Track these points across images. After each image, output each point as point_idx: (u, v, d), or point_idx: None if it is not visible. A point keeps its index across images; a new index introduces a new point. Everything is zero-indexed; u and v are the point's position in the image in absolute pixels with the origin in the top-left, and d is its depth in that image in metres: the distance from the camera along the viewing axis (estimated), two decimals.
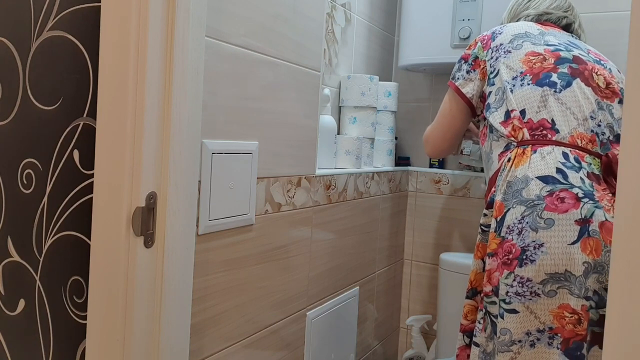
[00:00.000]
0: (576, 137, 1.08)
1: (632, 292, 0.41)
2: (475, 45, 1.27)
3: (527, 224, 1.01)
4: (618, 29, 1.26)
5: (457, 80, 1.27)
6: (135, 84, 0.79)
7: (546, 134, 1.08)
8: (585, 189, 1.02)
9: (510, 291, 1.01)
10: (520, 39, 1.19)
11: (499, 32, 1.23)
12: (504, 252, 1.03)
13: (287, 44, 1.17)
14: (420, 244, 1.97)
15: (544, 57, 1.15)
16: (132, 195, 0.80)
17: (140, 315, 0.82)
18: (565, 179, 1.02)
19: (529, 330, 0.99)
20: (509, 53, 1.18)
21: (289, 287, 1.25)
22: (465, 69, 1.26)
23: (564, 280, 0.98)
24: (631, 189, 0.42)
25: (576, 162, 1.05)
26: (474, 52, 1.26)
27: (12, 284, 0.99)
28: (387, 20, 1.95)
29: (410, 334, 1.97)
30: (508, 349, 1.01)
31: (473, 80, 1.25)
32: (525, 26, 1.23)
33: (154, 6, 0.79)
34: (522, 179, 1.05)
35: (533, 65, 1.14)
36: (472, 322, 1.14)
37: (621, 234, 0.42)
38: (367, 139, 1.64)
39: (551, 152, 1.06)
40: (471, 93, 1.25)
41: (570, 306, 0.98)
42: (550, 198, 1.01)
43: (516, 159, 1.08)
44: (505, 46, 1.19)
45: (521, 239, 1.01)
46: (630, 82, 0.42)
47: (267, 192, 1.14)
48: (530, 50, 1.16)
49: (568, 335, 0.98)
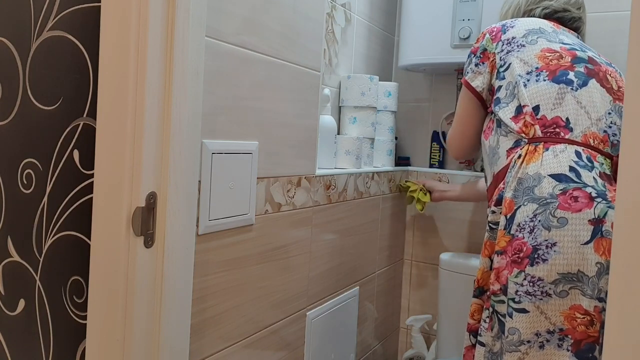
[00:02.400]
0: (589, 136, 1.07)
1: (632, 292, 0.41)
2: (483, 37, 1.23)
3: (540, 223, 0.99)
4: (618, 29, 1.26)
5: (467, 74, 1.24)
6: (135, 84, 0.79)
7: (559, 132, 1.07)
8: (598, 189, 1.00)
9: (520, 290, 0.99)
10: (534, 34, 1.16)
11: (510, 25, 1.20)
12: (513, 250, 1.01)
13: (287, 44, 1.17)
14: (420, 244, 1.97)
15: (560, 54, 1.13)
16: (132, 195, 0.80)
17: (140, 315, 0.82)
18: (578, 178, 1.01)
19: (538, 331, 0.98)
20: (523, 47, 1.15)
21: (289, 287, 1.25)
22: (475, 62, 1.23)
23: (576, 280, 0.96)
24: (631, 188, 0.42)
25: (589, 161, 1.04)
26: (482, 45, 1.22)
27: (12, 284, 0.99)
28: (387, 20, 1.95)
29: (410, 334, 1.97)
30: (516, 349, 0.99)
31: (482, 74, 1.21)
32: (539, 22, 1.19)
33: (154, 6, 0.79)
34: (534, 176, 1.03)
35: (549, 62, 1.12)
36: (478, 321, 1.13)
37: (621, 233, 0.42)
38: (367, 139, 1.64)
39: (564, 150, 1.05)
40: (481, 87, 1.22)
41: (582, 307, 0.96)
42: (564, 196, 0.99)
43: (527, 155, 1.07)
44: (518, 40, 1.16)
45: (533, 237, 0.99)
46: (630, 82, 0.42)
47: (267, 192, 1.14)
48: (546, 46, 1.14)
49: (580, 336, 0.96)
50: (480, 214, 1.84)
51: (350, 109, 1.61)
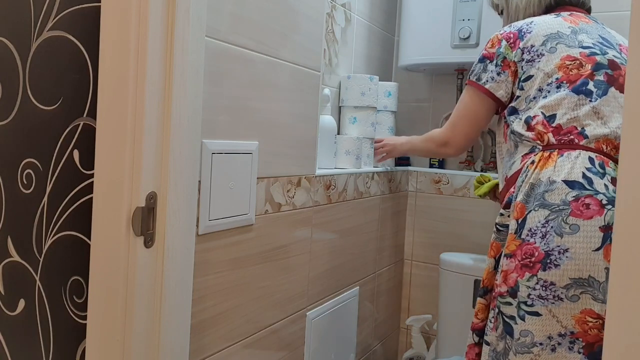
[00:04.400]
0: (602, 142, 1.08)
1: (632, 292, 0.41)
2: (499, 43, 1.19)
3: (552, 229, 1.01)
4: (618, 29, 1.26)
5: (486, 82, 1.20)
6: (135, 84, 0.79)
7: (573, 139, 1.08)
8: (609, 196, 1.02)
9: (532, 294, 1.01)
10: (553, 41, 1.14)
11: (527, 30, 1.17)
12: (523, 254, 1.03)
13: (287, 44, 1.17)
14: (420, 244, 1.97)
15: (580, 62, 1.11)
16: (132, 195, 0.80)
17: (140, 315, 0.82)
18: (590, 185, 1.03)
19: (550, 334, 1.00)
20: (542, 56, 1.13)
21: (289, 287, 1.25)
22: (495, 71, 1.19)
23: (587, 285, 0.99)
24: (631, 188, 0.42)
25: (601, 167, 1.05)
26: (501, 52, 1.19)
27: (12, 284, 0.99)
28: (387, 20, 1.95)
29: (410, 334, 1.97)
30: (529, 351, 1.02)
31: (505, 82, 1.19)
32: (556, 24, 1.16)
33: (154, 6, 0.79)
34: (547, 182, 1.05)
35: (570, 72, 1.11)
36: (482, 320, 1.15)
37: (622, 233, 0.42)
38: (367, 139, 1.64)
39: (578, 156, 1.06)
40: (506, 97, 1.20)
41: (594, 311, 0.99)
42: (576, 204, 1.01)
43: (541, 162, 1.08)
44: (537, 48, 1.14)
45: (545, 242, 1.02)
46: (630, 82, 0.42)
47: (267, 192, 1.14)
48: (566, 54, 1.12)
49: (592, 339, 0.99)
50: (481, 214, 1.84)
51: (350, 109, 1.61)
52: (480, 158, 1.88)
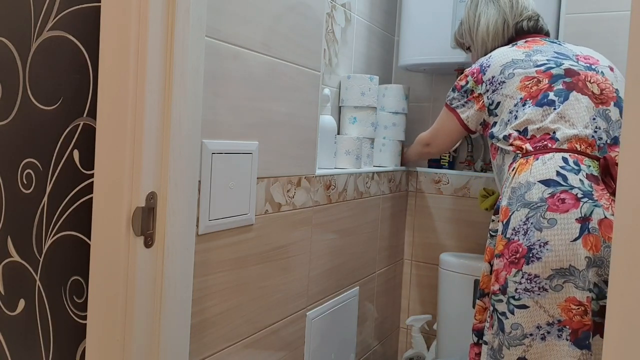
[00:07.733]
0: (574, 142, 1.15)
1: (632, 291, 0.41)
2: (465, 79, 1.35)
3: (532, 225, 1.08)
4: (618, 29, 1.26)
5: (458, 108, 1.37)
6: (135, 84, 0.79)
7: (546, 144, 1.16)
8: (584, 189, 1.08)
9: (519, 288, 1.07)
10: (510, 68, 1.26)
11: (486, 64, 1.30)
12: (510, 252, 1.10)
13: (287, 44, 1.17)
14: (420, 244, 1.97)
15: (537, 79, 1.22)
16: (132, 195, 0.80)
17: (140, 315, 0.82)
18: (565, 181, 1.09)
19: (539, 324, 1.05)
20: (504, 84, 1.26)
21: (289, 287, 1.25)
22: (463, 99, 1.36)
23: (569, 274, 1.04)
24: (631, 188, 0.42)
25: (575, 165, 1.12)
26: (468, 87, 1.34)
27: (12, 284, 0.99)
28: (387, 20, 1.95)
29: (410, 334, 1.97)
30: (520, 342, 1.07)
31: (470, 108, 1.34)
32: (511, 53, 1.29)
33: (154, 6, 0.79)
34: (525, 184, 1.12)
35: (530, 90, 1.22)
36: (480, 322, 1.21)
37: (622, 233, 0.42)
38: (367, 139, 1.64)
39: (552, 158, 1.13)
40: (471, 120, 1.35)
41: (576, 299, 1.04)
42: (552, 199, 1.08)
43: (519, 167, 1.16)
44: (497, 78, 1.27)
45: (527, 238, 1.07)
46: (630, 82, 0.42)
47: (267, 192, 1.14)
48: (524, 76, 1.24)
49: (576, 326, 1.04)
50: (480, 214, 1.84)
51: (350, 109, 1.61)
52: (480, 158, 1.88)
